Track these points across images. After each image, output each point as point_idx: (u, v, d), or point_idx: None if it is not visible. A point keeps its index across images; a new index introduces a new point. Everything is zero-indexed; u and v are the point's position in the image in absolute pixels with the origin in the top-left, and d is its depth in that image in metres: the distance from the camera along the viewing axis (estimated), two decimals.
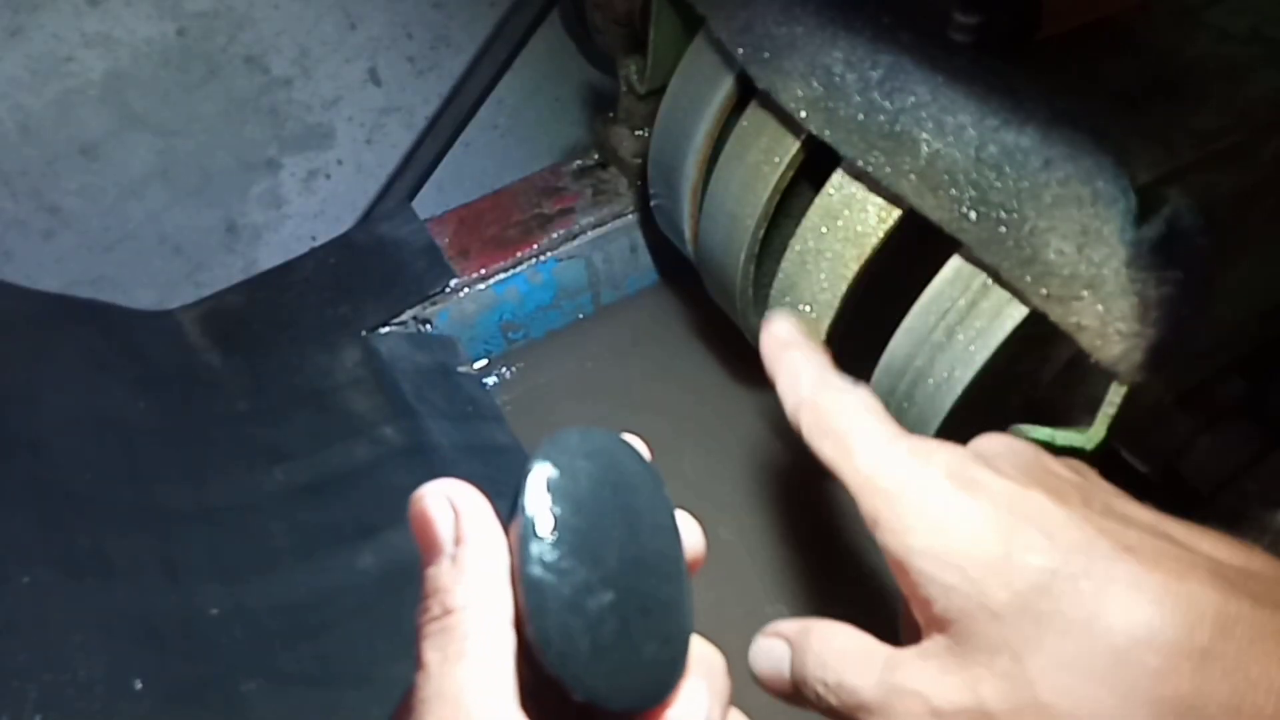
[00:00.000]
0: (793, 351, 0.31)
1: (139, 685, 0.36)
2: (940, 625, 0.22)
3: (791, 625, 0.26)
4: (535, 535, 0.20)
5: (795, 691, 0.25)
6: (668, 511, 0.23)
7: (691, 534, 0.24)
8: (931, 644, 0.22)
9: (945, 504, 0.22)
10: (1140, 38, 0.37)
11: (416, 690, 0.19)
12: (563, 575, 0.20)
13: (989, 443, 0.26)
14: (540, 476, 0.21)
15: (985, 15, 0.34)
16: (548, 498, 0.20)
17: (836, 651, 0.24)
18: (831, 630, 0.25)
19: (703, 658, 0.23)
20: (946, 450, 0.24)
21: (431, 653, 0.19)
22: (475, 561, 0.20)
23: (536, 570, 0.20)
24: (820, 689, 0.24)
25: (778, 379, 0.31)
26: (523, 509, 0.20)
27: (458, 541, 0.20)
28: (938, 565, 0.22)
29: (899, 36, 0.35)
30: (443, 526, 0.21)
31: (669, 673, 0.21)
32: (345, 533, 0.44)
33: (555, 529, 0.20)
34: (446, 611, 0.19)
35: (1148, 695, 0.19)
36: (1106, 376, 0.31)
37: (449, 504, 0.21)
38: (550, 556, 0.20)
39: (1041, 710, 0.20)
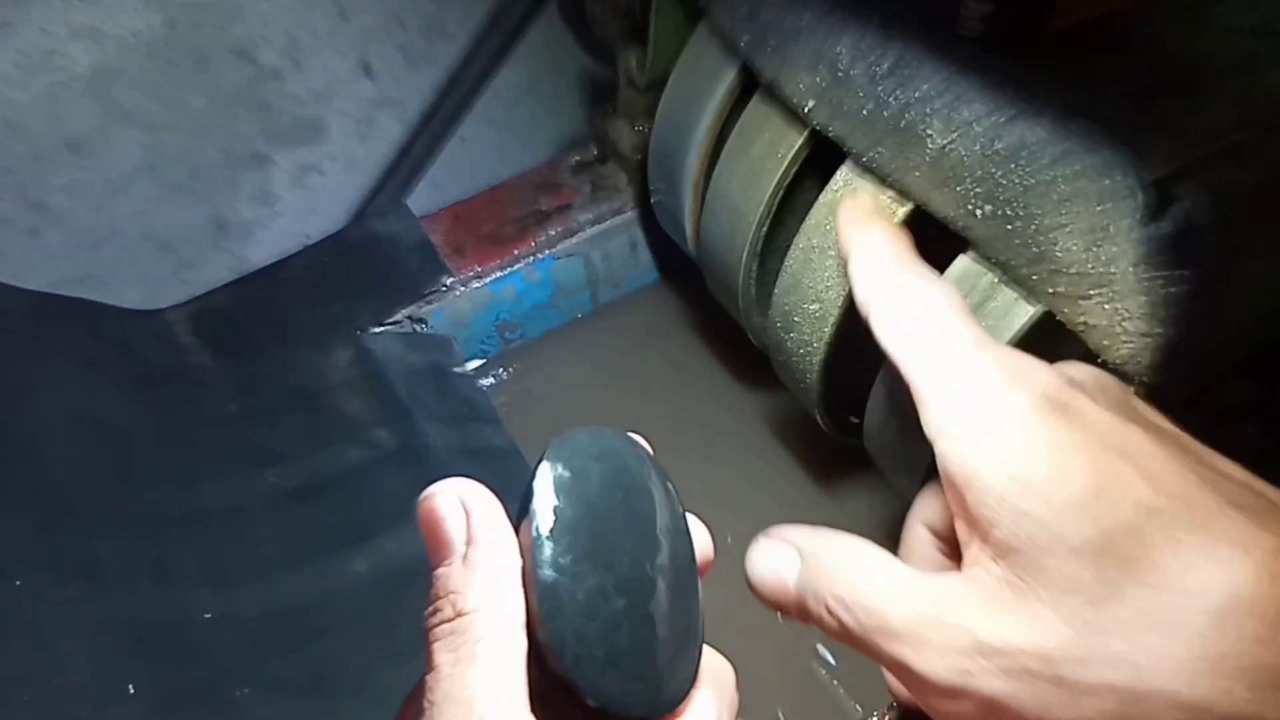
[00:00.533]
0: (874, 226, 0.28)
1: (131, 690, 0.36)
2: (1001, 551, 0.19)
3: (803, 531, 0.24)
4: (548, 537, 0.19)
5: (799, 604, 0.23)
6: (679, 515, 0.22)
7: (700, 538, 0.23)
8: (983, 572, 0.20)
9: (1034, 425, 0.20)
10: (1150, 32, 0.36)
11: (427, 692, 0.18)
12: (577, 579, 0.19)
13: (1079, 370, 0.23)
14: (551, 477, 0.20)
15: (995, 7, 0.33)
16: (560, 499, 0.20)
17: (859, 566, 0.22)
18: (852, 543, 0.23)
19: (712, 668, 0.22)
20: (1039, 369, 0.22)
21: (443, 654, 0.19)
22: (488, 562, 0.19)
23: (550, 573, 0.19)
24: (833, 604, 0.22)
25: (851, 256, 0.28)
26: (534, 510, 0.20)
27: (469, 542, 0.19)
28: (1014, 488, 0.19)
29: (907, 28, 0.35)
30: (454, 526, 0.20)
31: (681, 681, 0.21)
32: (337, 537, 0.43)
33: (568, 531, 0.20)
34: (459, 613, 0.19)
35: (1246, 663, 0.17)
36: (1116, 376, 0.31)
37: (460, 503, 0.20)
38: (564, 559, 0.19)
39: (1114, 664, 0.18)
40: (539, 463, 0.20)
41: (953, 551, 0.25)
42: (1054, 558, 0.19)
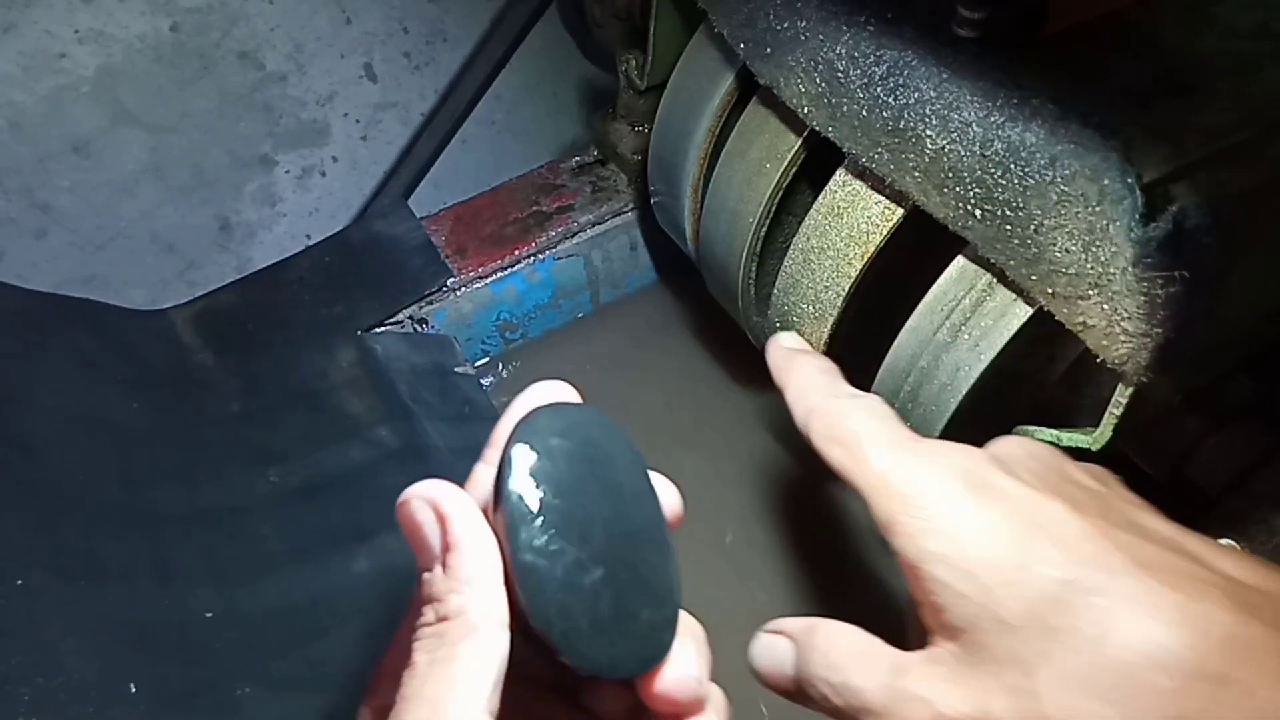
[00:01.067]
0: (802, 359, 0.31)
1: (133, 689, 0.36)
2: (951, 633, 0.22)
3: (796, 623, 0.26)
4: (522, 522, 0.20)
5: (798, 689, 0.25)
6: (644, 477, 0.23)
7: (668, 494, 0.25)
8: (941, 651, 0.22)
9: (960, 510, 0.22)
10: (1146, 33, 0.36)
11: (401, 687, 0.19)
12: (554, 557, 0.20)
13: (1007, 446, 0.26)
14: (519, 462, 0.21)
15: (990, 10, 0.33)
16: (530, 482, 0.21)
17: (842, 651, 0.24)
18: (838, 630, 0.25)
19: (685, 621, 0.23)
20: (962, 454, 0.24)
21: (421, 654, 0.19)
22: (466, 567, 0.20)
23: (528, 556, 0.20)
24: (824, 688, 0.24)
25: (787, 386, 0.30)
26: (506, 497, 0.20)
27: (446, 549, 0.20)
28: (951, 572, 0.21)
29: (903, 31, 0.35)
30: (430, 533, 0.21)
31: (663, 634, 0.22)
32: (339, 536, 0.44)
33: (540, 513, 0.20)
34: (440, 618, 0.20)
35: (1156, 716, 0.19)
36: (1113, 377, 0.31)
37: (432, 510, 0.21)
38: (539, 540, 0.20)
39: None
40: (506, 448, 0.21)
41: None
42: (992, 634, 0.21)
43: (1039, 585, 0.20)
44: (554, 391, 0.24)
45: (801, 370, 0.30)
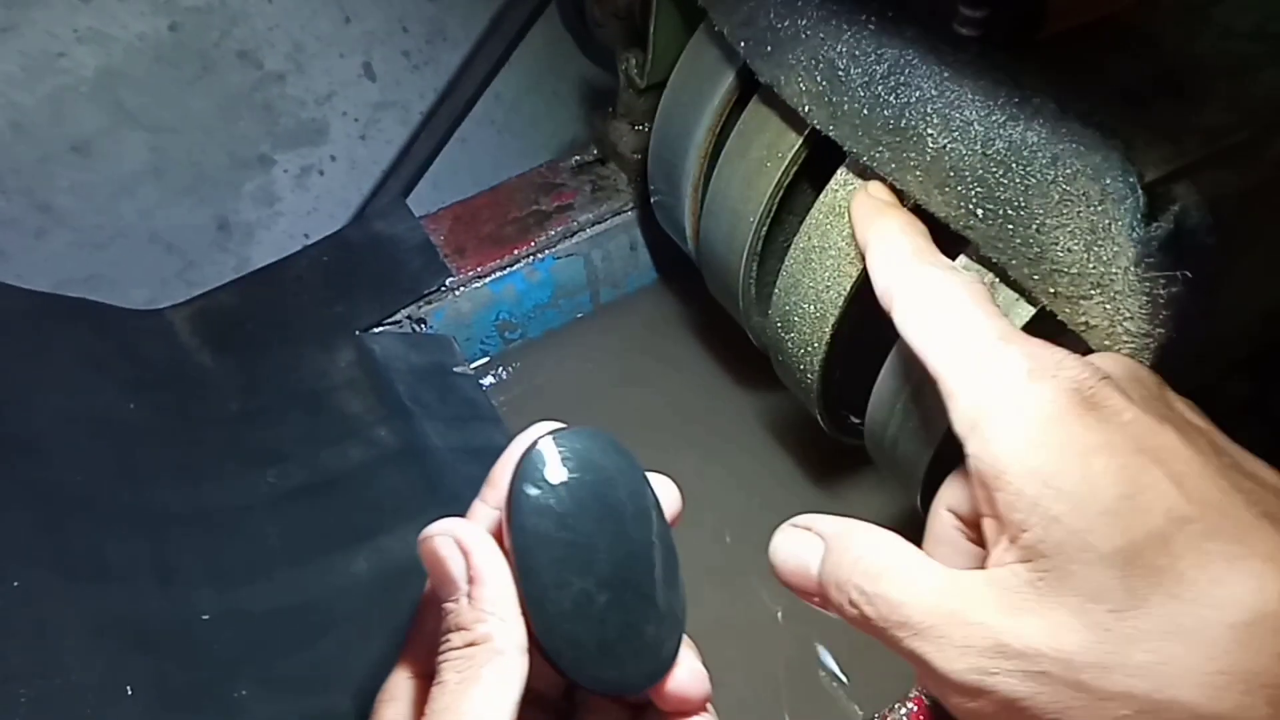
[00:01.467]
0: (890, 216, 0.27)
1: (131, 689, 0.36)
2: (1028, 555, 0.19)
3: (828, 520, 0.25)
4: (531, 560, 0.22)
5: (820, 591, 0.23)
6: (645, 492, 0.24)
7: (668, 493, 0.25)
8: (1006, 573, 0.20)
9: (1065, 425, 0.20)
10: (1146, 34, 0.36)
11: (431, 701, 0.21)
12: (562, 589, 0.22)
13: (1112, 363, 0.23)
14: (525, 501, 0.22)
15: (991, 9, 0.33)
16: (536, 520, 0.22)
17: (882, 558, 0.22)
18: (877, 535, 0.23)
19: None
20: (1071, 363, 0.21)
21: (450, 674, 0.21)
22: (489, 599, 0.21)
23: (538, 591, 0.22)
24: (855, 594, 0.22)
25: (870, 246, 0.27)
26: (515, 535, 0.22)
27: (471, 581, 0.21)
28: (1045, 491, 0.19)
29: (904, 30, 0.35)
30: (454, 567, 0.22)
31: (668, 646, 0.23)
32: (339, 536, 0.44)
33: (547, 549, 0.22)
34: (468, 644, 0.21)
35: (1268, 680, 0.17)
36: None
37: (457, 545, 0.22)
38: (548, 576, 0.22)
39: (1135, 673, 0.18)
40: (512, 485, 0.22)
41: (979, 539, 0.24)
42: (1081, 564, 0.19)
43: (1147, 522, 0.18)
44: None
45: (888, 228, 0.27)
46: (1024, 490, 0.20)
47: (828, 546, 0.24)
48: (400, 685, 0.23)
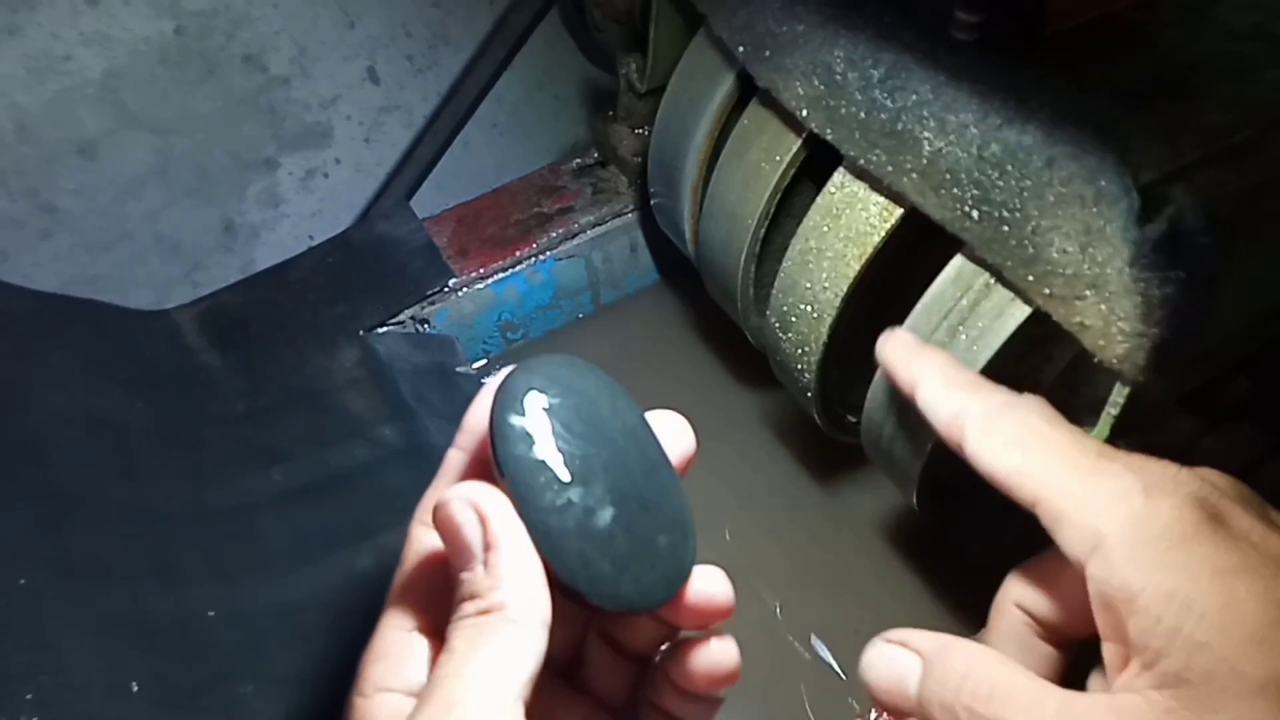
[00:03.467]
0: (933, 353, 0.27)
1: (135, 687, 0.36)
2: (1167, 682, 0.18)
3: (925, 636, 0.23)
4: (527, 487, 0.21)
5: (921, 712, 0.22)
6: (632, 410, 0.24)
7: (679, 430, 0.25)
8: (1140, 700, 0.19)
9: (1197, 544, 0.19)
10: (1144, 35, 0.36)
11: (437, 668, 0.19)
12: (563, 511, 0.21)
13: (1216, 476, 0.22)
14: (509, 429, 0.21)
15: (987, 13, 0.34)
16: (524, 446, 0.21)
17: (991, 681, 0.21)
18: (979, 651, 0.22)
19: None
20: (1186, 476, 0.20)
21: (460, 641, 0.20)
22: (506, 565, 0.20)
23: (540, 517, 0.21)
24: (964, 715, 0.21)
25: (922, 382, 0.26)
26: (504, 465, 0.21)
27: (488, 548, 0.20)
28: (1187, 616, 0.18)
29: (901, 34, 0.35)
30: (471, 534, 0.21)
31: (684, 555, 0.23)
32: (343, 534, 0.44)
33: (540, 472, 0.21)
34: (480, 612, 0.20)
35: None
36: (1110, 377, 0.31)
37: (474, 509, 0.21)
38: (546, 499, 0.21)
39: None
40: (492, 417, 0.21)
41: (1055, 640, 0.24)
42: (1231, 694, 0.18)
43: None
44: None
45: (939, 360, 0.26)
46: (1163, 615, 0.18)
47: (927, 664, 0.22)
48: (390, 641, 0.22)
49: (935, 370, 0.26)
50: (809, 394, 0.42)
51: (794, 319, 0.40)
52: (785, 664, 0.44)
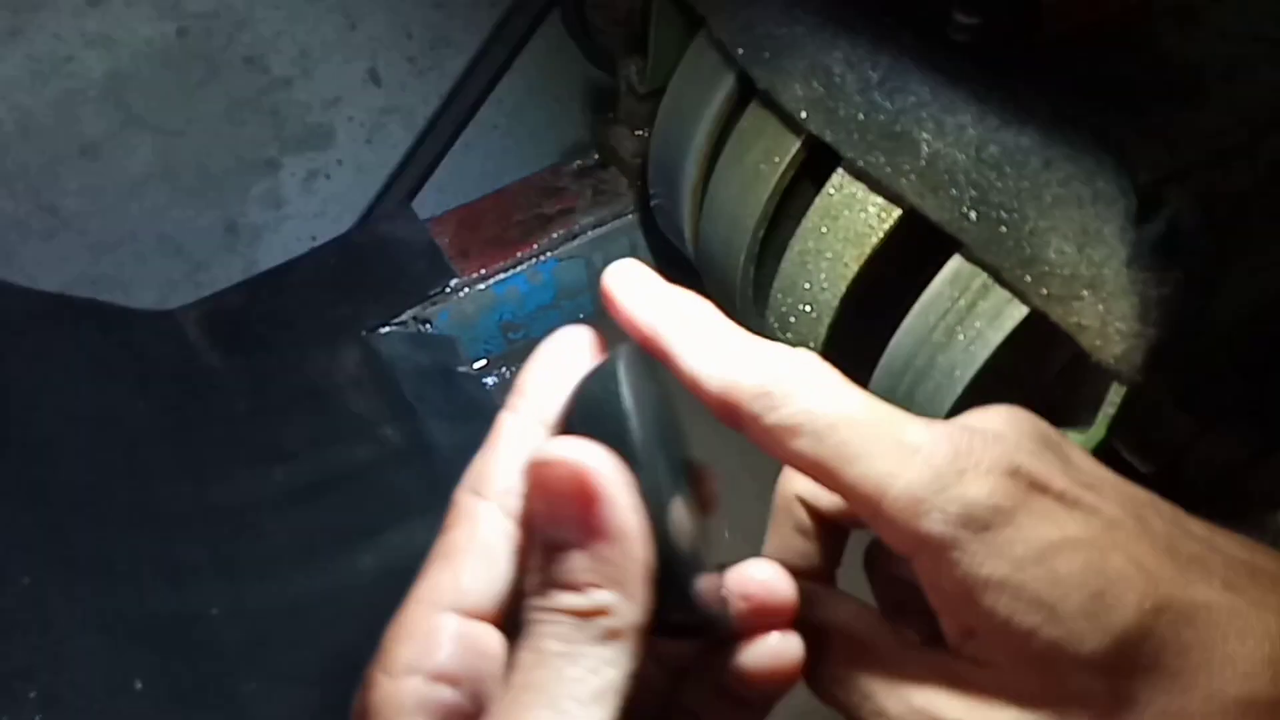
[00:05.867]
0: (677, 298, 0.20)
1: (139, 685, 0.36)
2: (1006, 661, 0.18)
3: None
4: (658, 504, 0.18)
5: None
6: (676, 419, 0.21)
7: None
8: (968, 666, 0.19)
9: (1019, 524, 0.18)
10: (1140, 37, 0.37)
11: (521, 668, 0.17)
12: (662, 517, 0.18)
13: (1000, 421, 0.20)
14: (623, 407, 0.18)
15: (985, 16, 0.34)
16: (640, 430, 0.18)
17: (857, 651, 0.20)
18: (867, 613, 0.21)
19: None
20: (980, 442, 0.18)
21: (552, 640, 0.17)
22: (620, 567, 0.17)
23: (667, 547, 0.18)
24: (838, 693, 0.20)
25: (675, 347, 0.20)
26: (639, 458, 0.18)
27: (596, 534, 0.17)
28: (1014, 604, 0.18)
29: (899, 37, 0.35)
30: (584, 511, 0.17)
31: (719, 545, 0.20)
32: (345, 533, 0.44)
33: (656, 470, 0.18)
34: (578, 612, 0.17)
35: None
36: (1107, 377, 0.31)
37: (592, 482, 0.17)
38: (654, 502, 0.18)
39: None
40: (595, 390, 0.19)
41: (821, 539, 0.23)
42: (1061, 670, 0.18)
43: (1123, 618, 0.17)
44: (574, 342, 0.21)
45: (688, 317, 0.20)
46: (996, 607, 0.18)
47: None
48: (420, 620, 0.18)
49: (685, 330, 0.20)
50: None
51: (793, 319, 0.40)
52: None
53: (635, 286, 0.20)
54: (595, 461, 0.18)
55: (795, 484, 0.23)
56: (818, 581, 0.22)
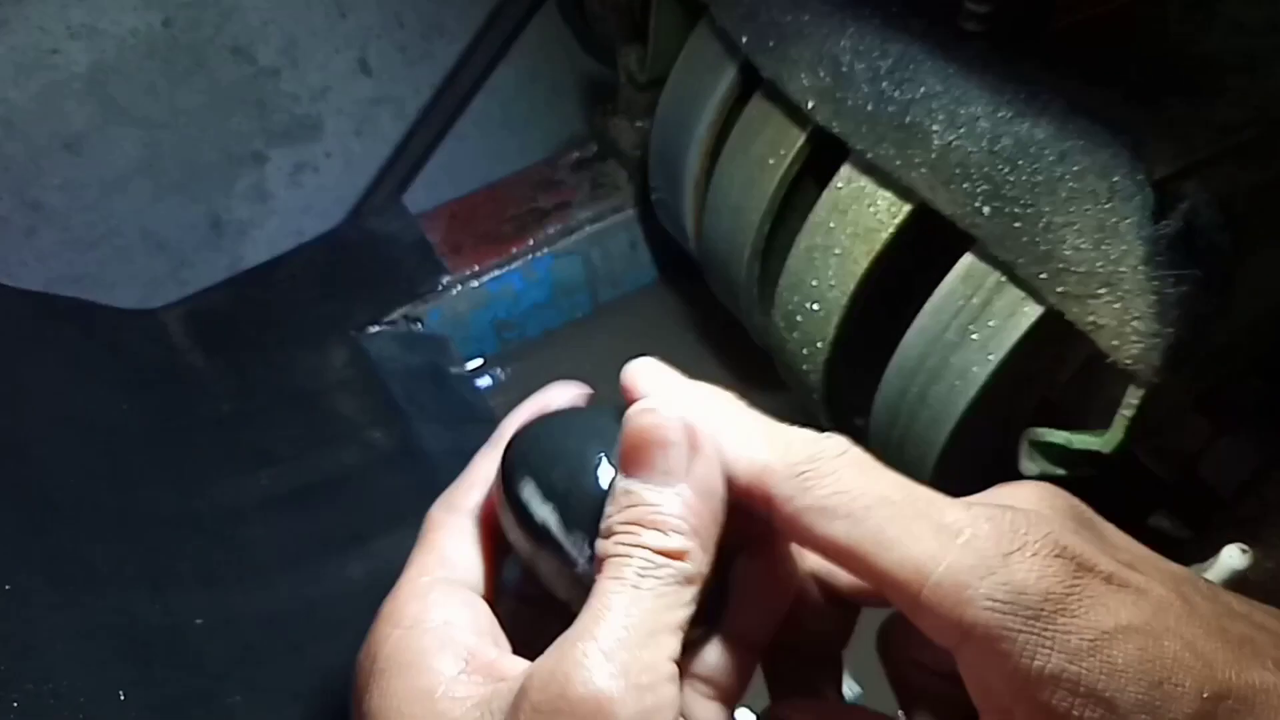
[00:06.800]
0: (699, 389, 0.20)
1: (122, 696, 0.35)
2: None
3: (803, 713, 0.21)
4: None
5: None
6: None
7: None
8: None
9: (1069, 609, 0.17)
10: (1155, 29, 0.36)
11: (602, 592, 0.17)
12: None
13: (1037, 498, 0.19)
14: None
15: (997, 4, 0.33)
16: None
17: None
18: None
19: None
20: (1023, 521, 0.18)
21: (634, 574, 0.18)
22: (700, 518, 0.18)
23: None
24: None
25: (709, 446, 0.19)
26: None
27: (690, 481, 0.18)
28: (1071, 699, 0.17)
29: (909, 25, 0.34)
30: (676, 455, 0.18)
31: None
32: (333, 540, 0.43)
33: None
34: (660, 551, 0.18)
35: None
36: (1124, 377, 0.31)
37: (686, 431, 0.18)
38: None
39: None
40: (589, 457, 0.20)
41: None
42: None
43: (1184, 707, 0.17)
44: (564, 396, 0.23)
45: (714, 408, 0.20)
46: (1055, 704, 0.17)
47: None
48: (417, 585, 0.20)
49: (718, 418, 0.20)
50: (815, 395, 0.41)
51: (800, 318, 0.39)
52: None
53: (656, 382, 0.21)
54: (682, 408, 0.19)
55: (807, 560, 0.22)
56: (825, 659, 0.22)
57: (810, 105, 0.37)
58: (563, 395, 0.23)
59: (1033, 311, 0.31)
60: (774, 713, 0.22)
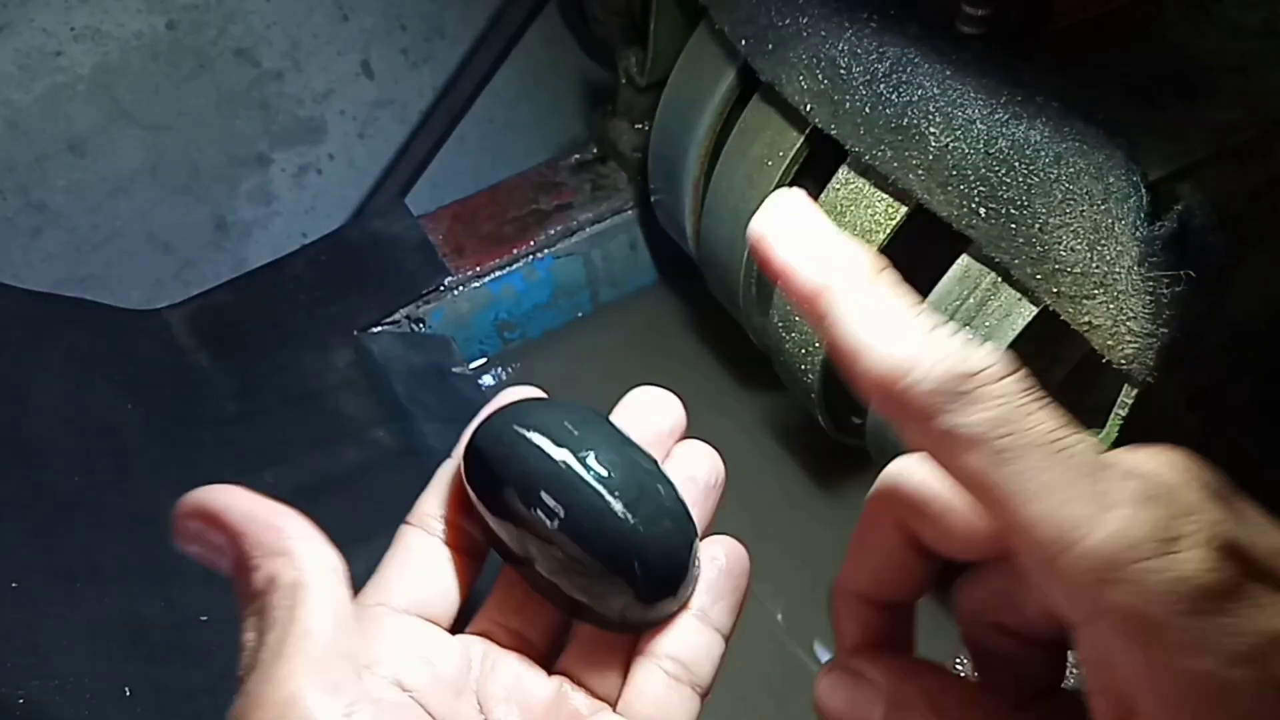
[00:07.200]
0: (845, 249, 0.17)
1: (128, 692, 0.36)
2: None
3: (882, 667, 0.20)
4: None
5: None
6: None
7: (665, 408, 0.25)
8: None
9: (1237, 609, 0.14)
10: (1152, 31, 0.36)
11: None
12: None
13: (1168, 468, 0.16)
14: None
15: (994, 7, 0.33)
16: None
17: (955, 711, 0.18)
18: (939, 685, 0.19)
19: None
20: (1183, 497, 0.15)
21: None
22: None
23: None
24: None
25: (834, 310, 0.16)
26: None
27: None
28: (1222, 705, 0.14)
29: (906, 28, 0.34)
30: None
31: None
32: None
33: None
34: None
35: None
36: (1118, 377, 0.31)
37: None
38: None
39: None
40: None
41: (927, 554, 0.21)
42: None
43: None
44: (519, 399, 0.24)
45: (862, 274, 0.16)
46: (1184, 704, 0.15)
47: (888, 697, 0.19)
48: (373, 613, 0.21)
49: (850, 297, 0.16)
50: (813, 395, 0.41)
51: (798, 319, 0.40)
52: (788, 672, 0.44)
53: (795, 227, 0.17)
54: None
55: (897, 505, 0.20)
56: (898, 611, 0.20)
57: (808, 107, 0.37)
58: (517, 394, 0.24)
59: (1028, 312, 0.32)
60: (843, 663, 0.20)
